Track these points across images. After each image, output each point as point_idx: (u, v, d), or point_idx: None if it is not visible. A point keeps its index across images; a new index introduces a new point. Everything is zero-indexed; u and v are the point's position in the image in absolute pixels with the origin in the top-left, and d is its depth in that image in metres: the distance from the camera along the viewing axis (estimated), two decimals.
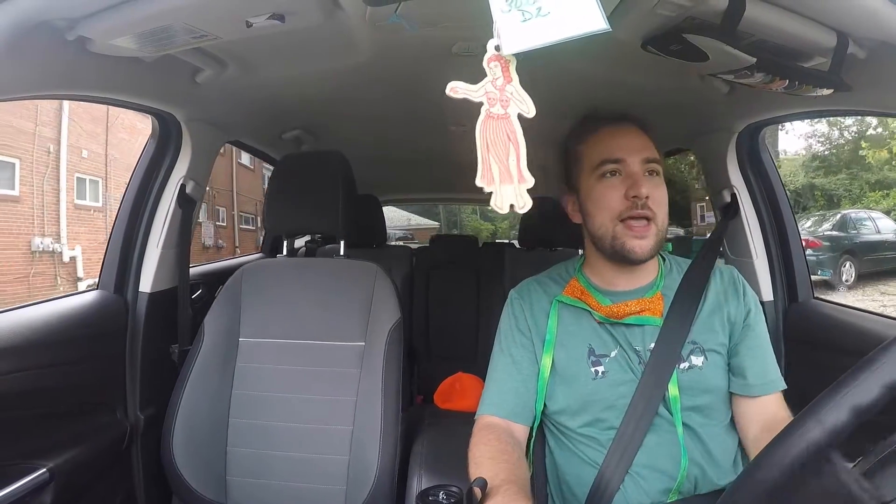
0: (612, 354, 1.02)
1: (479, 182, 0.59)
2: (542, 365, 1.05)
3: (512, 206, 0.59)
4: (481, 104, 0.59)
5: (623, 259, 1.01)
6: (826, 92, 0.97)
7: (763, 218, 1.55)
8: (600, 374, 1.01)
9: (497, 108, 0.59)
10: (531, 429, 1.07)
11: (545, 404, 1.05)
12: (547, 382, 1.04)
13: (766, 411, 0.99)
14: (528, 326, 1.09)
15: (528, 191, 0.59)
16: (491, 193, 0.59)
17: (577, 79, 1.37)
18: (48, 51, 0.93)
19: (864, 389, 0.46)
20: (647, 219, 0.99)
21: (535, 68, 0.61)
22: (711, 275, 1.08)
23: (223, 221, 14.47)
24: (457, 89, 0.59)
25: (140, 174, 1.49)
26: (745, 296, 1.07)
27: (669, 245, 1.15)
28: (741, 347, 1.03)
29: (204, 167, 1.61)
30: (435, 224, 20.19)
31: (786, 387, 1.02)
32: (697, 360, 0.99)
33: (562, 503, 1.05)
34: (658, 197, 1.00)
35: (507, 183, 0.59)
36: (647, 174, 1.01)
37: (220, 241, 13.79)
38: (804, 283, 1.53)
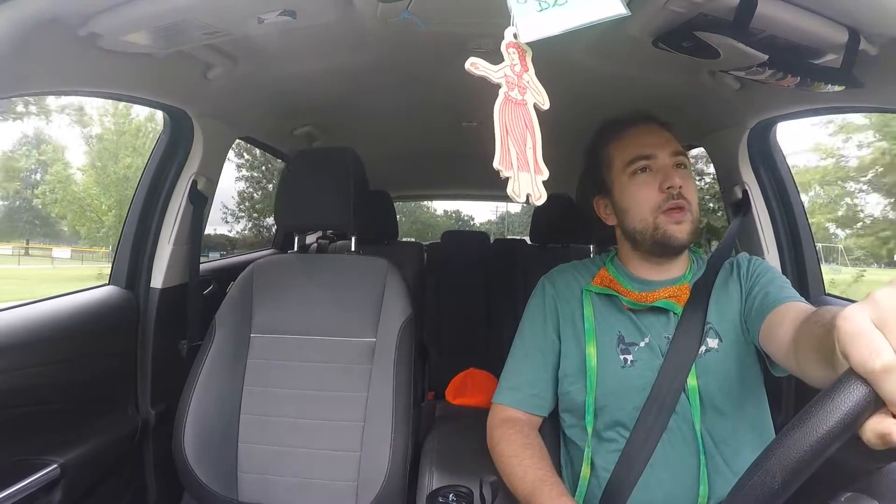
0: (642, 344, 1.02)
1: (496, 165, 0.57)
2: (588, 354, 1.04)
3: (528, 195, 0.58)
4: (499, 87, 0.58)
5: (664, 247, 1.03)
6: (838, 88, 0.97)
7: (775, 214, 1.53)
8: (629, 362, 1.01)
9: (515, 92, 0.59)
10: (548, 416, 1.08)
11: (586, 393, 1.04)
12: (596, 371, 1.02)
13: (793, 310, 0.88)
14: (556, 313, 1.11)
15: (546, 187, 0.58)
16: (508, 180, 0.57)
17: (589, 76, 1.36)
18: (60, 47, 0.92)
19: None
20: (682, 207, 1.01)
21: (546, 64, 0.60)
22: (727, 263, 1.08)
23: None
24: (477, 65, 0.58)
25: (152, 170, 1.49)
26: (749, 265, 1.07)
27: (699, 250, 1.14)
28: (754, 292, 1.00)
29: (215, 163, 1.61)
30: None
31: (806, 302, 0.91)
32: (713, 343, 0.99)
33: (580, 495, 1.03)
34: (689, 187, 1.03)
35: (524, 170, 0.58)
36: (675, 167, 1.04)
37: None
38: (815, 279, 1.50)
